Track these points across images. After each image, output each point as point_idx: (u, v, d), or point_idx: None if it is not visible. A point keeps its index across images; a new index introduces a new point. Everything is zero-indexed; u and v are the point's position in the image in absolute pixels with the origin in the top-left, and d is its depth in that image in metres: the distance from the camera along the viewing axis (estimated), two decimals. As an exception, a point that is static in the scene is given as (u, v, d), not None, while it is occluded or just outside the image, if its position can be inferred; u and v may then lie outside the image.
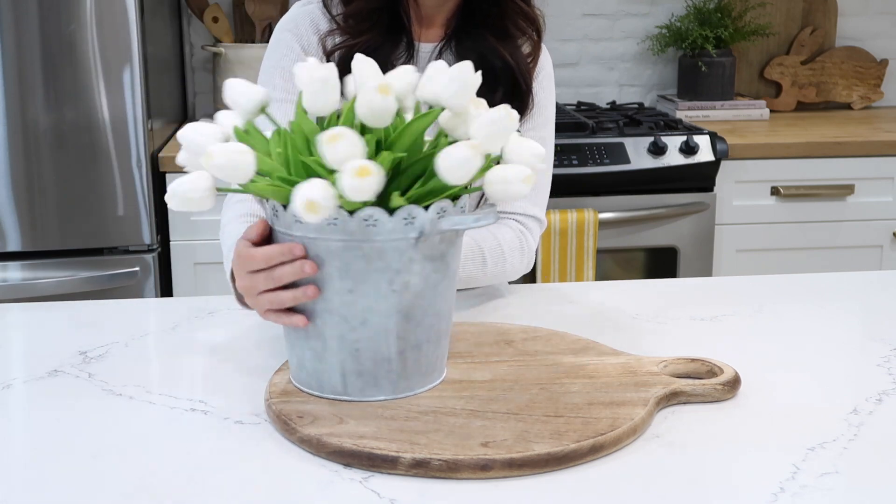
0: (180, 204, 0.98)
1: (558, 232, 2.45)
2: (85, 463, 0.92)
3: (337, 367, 1.00)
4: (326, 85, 0.95)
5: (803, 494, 0.85)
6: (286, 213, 0.98)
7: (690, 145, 2.53)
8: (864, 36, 3.20)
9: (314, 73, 0.95)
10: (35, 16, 2.26)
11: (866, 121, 2.96)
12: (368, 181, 0.90)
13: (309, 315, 1.00)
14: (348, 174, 0.90)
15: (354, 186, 0.90)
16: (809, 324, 1.31)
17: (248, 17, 2.90)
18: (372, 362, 0.99)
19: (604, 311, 1.34)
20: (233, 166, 0.94)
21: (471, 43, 1.37)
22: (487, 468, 0.88)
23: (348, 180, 0.90)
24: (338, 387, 1.01)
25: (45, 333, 1.30)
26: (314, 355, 1.01)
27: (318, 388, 1.02)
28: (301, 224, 0.96)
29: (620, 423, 0.94)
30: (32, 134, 2.31)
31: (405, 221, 0.95)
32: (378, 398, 1.01)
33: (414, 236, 0.96)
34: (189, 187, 0.97)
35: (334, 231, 0.95)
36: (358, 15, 1.35)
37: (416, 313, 1.00)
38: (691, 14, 3.03)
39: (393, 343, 0.99)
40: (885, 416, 1.01)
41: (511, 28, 1.38)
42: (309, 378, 1.02)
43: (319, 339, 1.00)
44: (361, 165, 0.90)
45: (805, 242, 2.66)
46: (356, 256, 0.96)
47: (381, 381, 1.00)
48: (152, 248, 2.40)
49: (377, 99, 0.93)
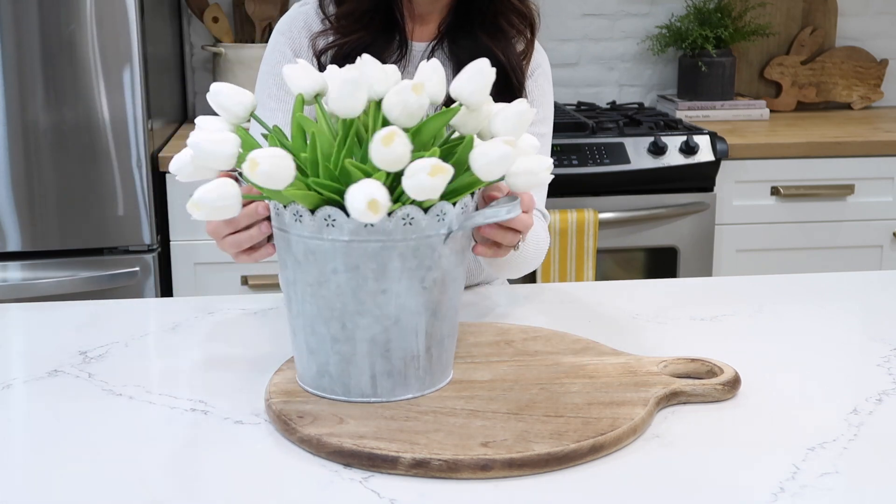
0: (208, 214, 0.96)
1: (558, 232, 2.45)
2: (85, 463, 0.92)
3: (367, 370, 0.99)
4: (357, 87, 0.94)
5: (803, 494, 0.85)
6: (314, 217, 0.95)
7: (690, 145, 2.53)
8: (864, 36, 3.20)
9: (345, 74, 0.94)
10: (35, 16, 2.26)
11: (866, 121, 2.96)
12: (441, 179, 0.90)
13: (338, 320, 0.98)
14: (422, 172, 0.90)
15: (426, 185, 0.90)
16: (809, 324, 1.31)
17: (248, 17, 2.90)
18: (402, 361, 0.99)
19: (604, 311, 1.34)
20: (277, 172, 0.92)
21: (463, 42, 1.37)
22: (487, 468, 0.88)
23: (421, 179, 0.90)
24: (367, 389, 1.00)
25: (45, 333, 1.30)
26: (341, 360, 0.99)
27: (343, 394, 1.00)
28: (333, 228, 0.94)
29: (620, 423, 0.94)
30: (32, 134, 2.31)
31: (437, 218, 0.96)
32: (406, 397, 1.00)
33: (444, 232, 0.97)
34: (217, 195, 0.95)
35: (371, 232, 0.94)
36: (350, 16, 1.35)
37: (442, 308, 1.00)
38: (691, 14, 3.03)
39: (422, 340, 1.00)
40: (885, 416, 1.01)
41: (504, 25, 1.38)
42: (333, 384, 1.00)
43: (349, 342, 0.98)
44: (435, 164, 0.90)
45: (805, 242, 2.66)
46: (392, 256, 0.96)
47: (409, 380, 1.00)
48: (152, 248, 2.40)
49: (412, 98, 0.93)
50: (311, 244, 0.96)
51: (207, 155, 0.96)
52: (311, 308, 0.99)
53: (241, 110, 1.01)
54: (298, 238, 0.97)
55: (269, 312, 1.34)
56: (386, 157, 0.90)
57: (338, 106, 0.95)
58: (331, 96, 0.96)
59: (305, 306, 0.99)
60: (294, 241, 0.98)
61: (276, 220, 1.00)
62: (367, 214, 0.89)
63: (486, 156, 0.95)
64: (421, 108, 0.95)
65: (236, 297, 1.71)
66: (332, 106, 0.96)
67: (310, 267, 0.97)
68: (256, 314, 1.34)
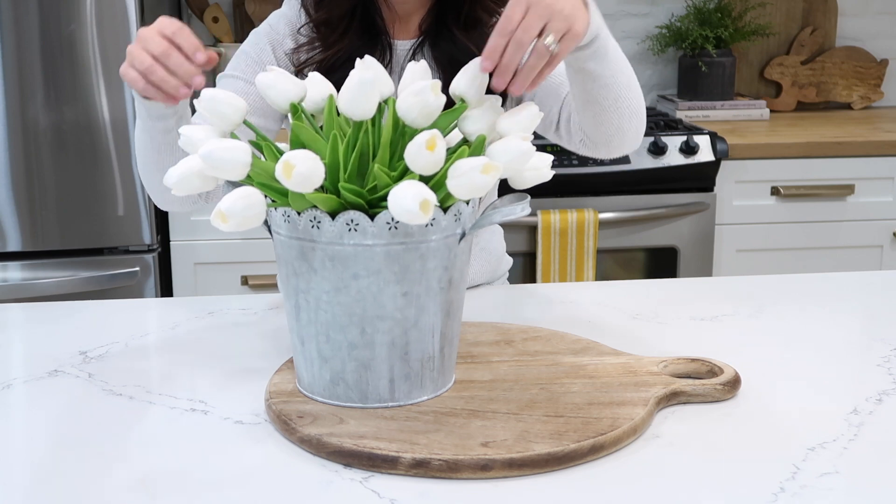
0: (239, 224, 0.93)
1: (558, 232, 2.45)
2: (85, 463, 0.92)
3: (386, 374, 0.98)
4: (373, 88, 0.94)
5: (803, 494, 0.85)
6: (333, 222, 0.94)
7: (690, 145, 2.53)
8: (864, 36, 3.20)
9: (360, 75, 0.93)
10: (35, 16, 2.26)
11: (866, 121, 2.96)
12: (493, 176, 0.91)
13: (357, 325, 0.97)
14: (473, 172, 0.90)
15: (478, 184, 0.91)
16: (809, 324, 1.31)
17: (248, 17, 2.90)
18: (419, 363, 0.99)
19: (604, 311, 1.34)
20: (310, 174, 0.90)
21: (444, 43, 1.36)
22: (487, 468, 0.88)
23: (473, 178, 0.90)
24: (384, 394, 0.99)
25: (45, 333, 1.30)
26: (359, 366, 0.98)
27: (360, 400, 0.99)
28: (356, 233, 0.94)
29: (620, 423, 0.94)
30: (32, 134, 2.31)
31: (455, 218, 0.97)
32: (421, 399, 1.00)
33: (460, 232, 0.98)
34: (245, 204, 0.92)
35: (395, 235, 0.94)
36: (328, 23, 1.35)
37: (453, 308, 1.01)
38: (691, 14, 3.03)
39: (437, 340, 1.00)
40: (885, 416, 1.01)
41: (482, 14, 1.36)
42: (349, 392, 0.99)
43: (368, 347, 0.98)
44: (486, 163, 0.90)
45: (805, 242, 2.66)
46: (415, 258, 0.96)
47: (425, 382, 1.00)
48: (152, 248, 2.40)
49: (431, 99, 0.94)
50: (331, 250, 0.95)
51: (222, 164, 0.93)
52: (326, 315, 0.98)
53: (238, 116, 1.00)
54: (317, 245, 0.96)
55: (269, 312, 1.34)
56: (428, 161, 0.91)
57: (351, 108, 0.95)
58: (343, 98, 0.95)
59: (320, 314, 0.98)
60: (311, 248, 0.96)
61: (287, 228, 0.97)
62: (418, 215, 0.88)
63: (506, 153, 0.96)
64: (438, 109, 0.95)
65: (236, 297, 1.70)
66: (345, 108, 0.95)
67: (328, 274, 0.96)
68: (256, 314, 1.34)
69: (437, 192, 0.94)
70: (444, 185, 0.93)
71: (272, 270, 2.44)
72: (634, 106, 1.26)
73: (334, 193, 0.94)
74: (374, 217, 0.94)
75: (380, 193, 0.94)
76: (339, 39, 1.35)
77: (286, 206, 0.96)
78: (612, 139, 1.29)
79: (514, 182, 1.02)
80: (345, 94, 0.95)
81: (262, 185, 0.96)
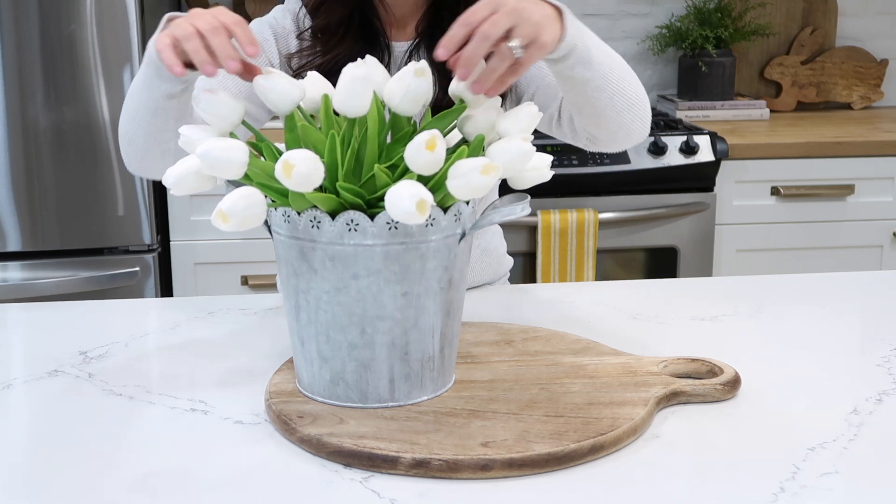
0: (240, 224, 0.93)
1: (558, 232, 2.45)
2: (85, 463, 0.92)
3: (386, 374, 0.98)
4: (366, 85, 0.94)
5: (803, 494, 0.85)
6: (333, 222, 0.94)
7: (690, 145, 2.53)
8: (864, 36, 3.20)
9: (353, 72, 0.93)
10: (35, 16, 2.26)
11: (866, 121, 2.96)
12: (494, 176, 0.91)
13: (357, 325, 0.97)
14: (473, 172, 0.90)
15: (477, 184, 0.91)
16: (809, 324, 1.31)
17: (249, 16, 2.90)
18: (419, 363, 0.99)
19: (604, 311, 1.34)
20: (310, 174, 0.90)
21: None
22: (487, 468, 0.88)
23: (472, 178, 0.90)
24: (384, 394, 0.99)
25: (45, 333, 1.30)
26: (359, 366, 0.98)
27: (360, 401, 0.99)
28: (356, 233, 0.94)
29: (620, 423, 0.94)
30: (32, 134, 2.31)
31: (455, 218, 0.97)
32: (421, 399, 1.00)
33: (460, 232, 0.98)
34: (246, 204, 0.92)
35: (395, 235, 0.94)
36: (327, 29, 1.36)
37: (453, 308, 1.01)
38: (691, 14, 3.03)
39: (437, 340, 1.00)
40: (885, 416, 1.01)
41: None
42: (349, 392, 0.99)
43: (368, 348, 0.98)
44: (486, 163, 0.90)
45: (805, 242, 2.66)
46: (415, 258, 0.96)
47: (425, 382, 1.00)
48: (152, 248, 2.40)
49: (413, 82, 0.94)
50: (331, 250, 0.95)
51: (220, 163, 0.93)
52: (325, 316, 0.98)
53: (236, 116, 1.00)
54: (317, 245, 0.96)
55: (268, 312, 1.34)
56: (428, 161, 0.91)
57: (346, 106, 0.95)
58: (338, 96, 0.95)
59: (320, 314, 0.98)
60: (311, 248, 0.96)
61: (287, 228, 0.97)
62: (415, 216, 0.88)
63: (506, 154, 0.96)
64: (426, 94, 0.95)
65: (236, 297, 1.70)
66: (340, 106, 0.95)
67: (328, 274, 0.96)
68: (256, 314, 1.34)
69: (436, 193, 0.94)
70: (443, 185, 0.93)
71: (272, 270, 2.44)
72: (632, 100, 1.26)
73: (334, 193, 0.94)
74: (374, 217, 0.94)
75: (378, 193, 0.94)
76: (338, 44, 1.35)
77: (286, 205, 0.96)
78: (618, 135, 1.29)
79: (514, 182, 1.02)
80: (339, 92, 0.95)
81: (262, 185, 0.96)
